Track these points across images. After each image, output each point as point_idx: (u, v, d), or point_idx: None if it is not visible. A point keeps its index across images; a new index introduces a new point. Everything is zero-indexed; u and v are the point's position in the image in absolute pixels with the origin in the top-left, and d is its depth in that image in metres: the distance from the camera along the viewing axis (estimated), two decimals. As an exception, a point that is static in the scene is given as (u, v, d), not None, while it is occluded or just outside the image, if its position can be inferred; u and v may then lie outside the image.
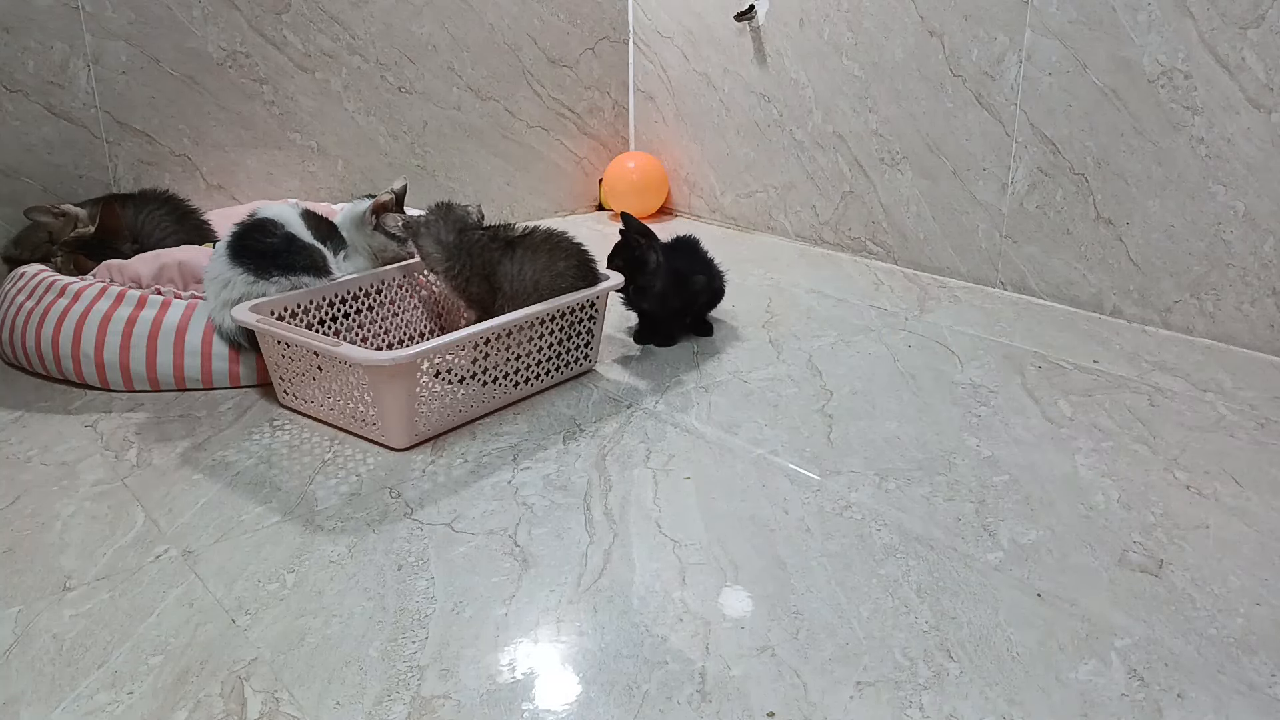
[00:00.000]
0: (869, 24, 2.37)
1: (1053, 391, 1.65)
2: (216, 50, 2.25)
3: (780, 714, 0.91)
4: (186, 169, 2.27)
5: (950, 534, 1.21)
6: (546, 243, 1.64)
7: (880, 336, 1.93)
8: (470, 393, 1.53)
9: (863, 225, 2.51)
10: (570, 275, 1.63)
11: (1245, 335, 1.86)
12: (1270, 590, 1.10)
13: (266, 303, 1.59)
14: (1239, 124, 1.79)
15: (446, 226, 1.65)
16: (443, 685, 0.95)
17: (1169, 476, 1.36)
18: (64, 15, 2.03)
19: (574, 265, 1.64)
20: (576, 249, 1.66)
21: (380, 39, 2.51)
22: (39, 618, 1.06)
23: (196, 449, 1.45)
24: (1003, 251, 2.22)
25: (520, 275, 1.61)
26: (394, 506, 1.29)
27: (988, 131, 2.18)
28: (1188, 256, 1.91)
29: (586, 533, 1.22)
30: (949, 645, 1.00)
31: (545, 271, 1.61)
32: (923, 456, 1.42)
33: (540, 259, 1.62)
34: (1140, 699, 0.93)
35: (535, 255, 1.62)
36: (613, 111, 3.07)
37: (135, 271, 1.74)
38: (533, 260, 1.62)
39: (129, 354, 1.64)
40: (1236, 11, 1.76)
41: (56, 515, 1.27)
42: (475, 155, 2.79)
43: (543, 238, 1.65)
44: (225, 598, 1.09)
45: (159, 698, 0.93)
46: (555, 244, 1.65)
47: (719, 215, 2.93)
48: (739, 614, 1.06)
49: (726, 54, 2.75)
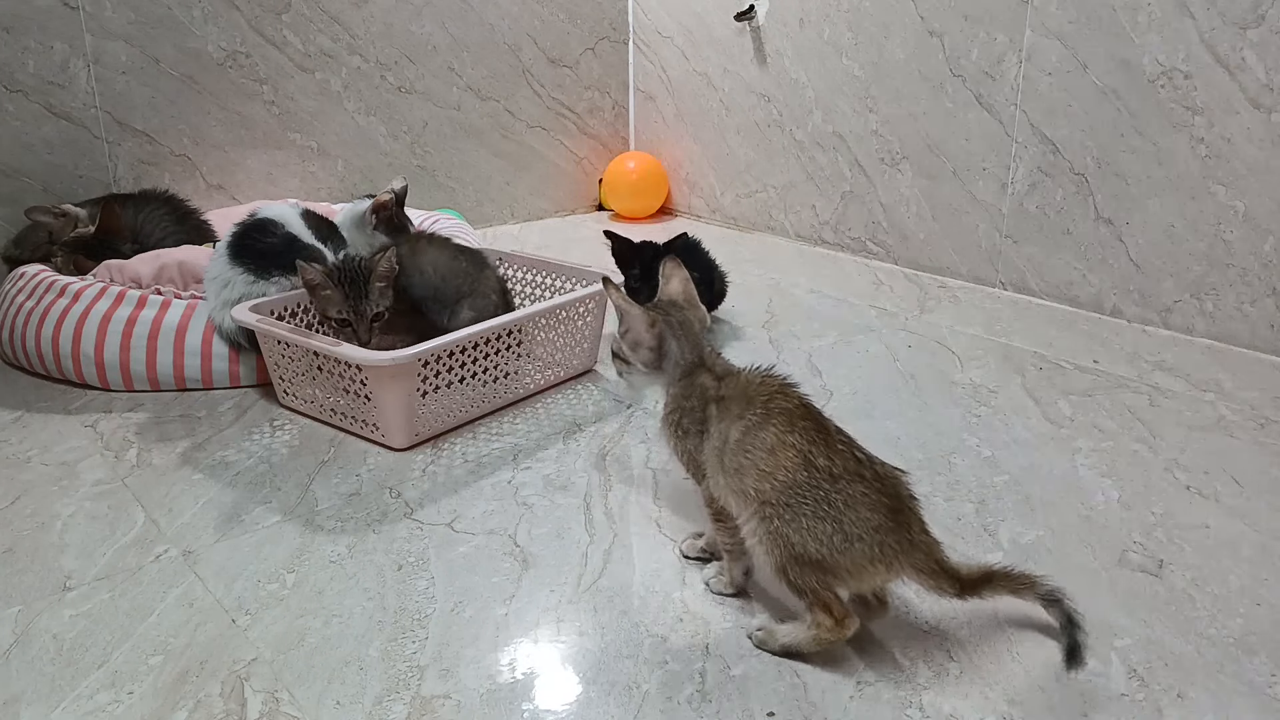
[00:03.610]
0: (869, 24, 2.37)
1: (1053, 391, 1.65)
2: (216, 50, 2.25)
3: (780, 714, 0.91)
4: (186, 169, 2.27)
5: (950, 534, 1.21)
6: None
7: (880, 336, 1.93)
8: (470, 393, 1.53)
9: (863, 225, 2.51)
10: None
11: (1245, 335, 1.86)
12: (1270, 590, 1.10)
13: (266, 303, 1.59)
14: (1239, 124, 1.79)
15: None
16: (443, 685, 0.95)
17: (1169, 476, 1.36)
18: (64, 15, 2.03)
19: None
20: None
21: (380, 39, 2.51)
22: (39, 618, 1.05)
23: (196, 449, 1.45)
24: (1003, 251, 2.22)
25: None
26: (394, 506, 1.29)
27: (988, 131, 2.18)
28: (1188, 256, 1.91)
29: (586, 533, 1.22)
30: (949, 645, 1.00)
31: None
32: (923, 456, 1.42)
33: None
34: (1140, 699, 0.93)
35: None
36: (613, 111, 3.07)
37: (135, 271, 1.74)
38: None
39: (129, 354, 1.64)
40: (1236, 11, 1.76)
41: (56, 515, 1.26)
42: (475, 155, 2.79)
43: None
44: (225, 598, 1.09)
45: (159, 698, 0.93)
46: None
47: (719, 215, 2.93)
48: (739, 614, 1.06)
49: (726, 54, 2.75)
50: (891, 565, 0.93)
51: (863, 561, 0.92)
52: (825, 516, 0.92)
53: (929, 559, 0.94)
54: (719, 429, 0.99)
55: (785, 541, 0.93)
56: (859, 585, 0.95)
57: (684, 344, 1.05)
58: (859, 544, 0.92)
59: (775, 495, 0.94)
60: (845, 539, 0.92)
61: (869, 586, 0.96)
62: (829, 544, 0.92)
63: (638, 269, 1.87)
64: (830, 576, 0.93)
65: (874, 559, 0.92)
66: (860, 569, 0.93)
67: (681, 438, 1.04)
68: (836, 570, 0.93)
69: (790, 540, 0.93)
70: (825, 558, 0.92)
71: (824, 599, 0.94)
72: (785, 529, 0.93)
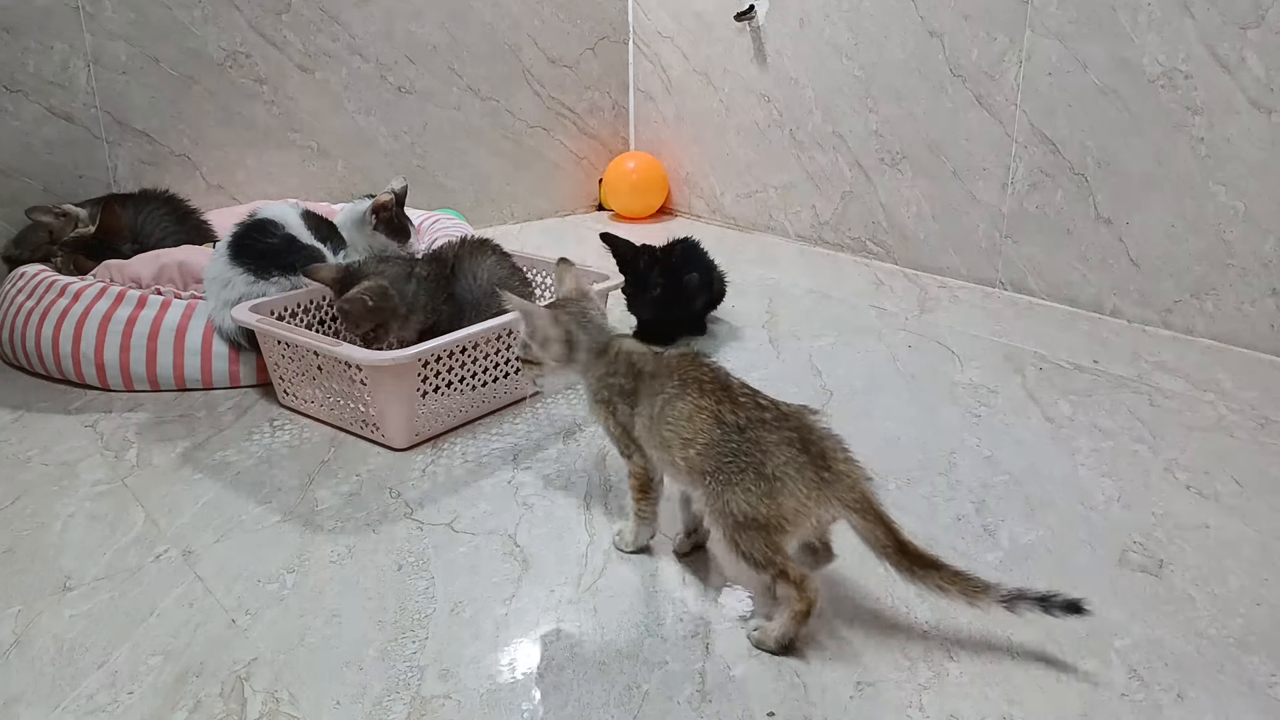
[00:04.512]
0: (869, 24, 2.37)
1: (1053, 391, 1.65)
2: (216, 50, 2.25)
3: (780, 714, 0.91)
4: (186, 169, 2.26)
5: (950, 534, 1.21)
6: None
7: (880, 336, 1.93)
8: (470, 393, 1.53)
9: (863, 225, 2.51)
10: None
11: (1245, 335, 1.86)
12: (1270, 590, 1.10)
13: (266, 303, 1.59)
14: (1239, 124, 1.79)
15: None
16: (443, 685, 0.95)
17: (1169, 476, 1.36)
18: (64, 15, 2.03)
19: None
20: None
21: (380, 39, 2.51)
22: (39, 618, 1.05)
23: (196, 449, 1.45)
24: (1003, 251, 2.22)
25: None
26: (394, 506, 1.29)
27: (988, 131, 2.18)
28: (1188, 256, 1.91)
29: (586, 533, 1.22)
30: (949, 645, 1.00)
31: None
32: (923, 456, 1.42)
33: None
34: (1140, 699, 0.93)
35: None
36: (613, 111, 3.07)
37: (135, 271, 1.74)
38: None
39: (129, 354, 1.64)
40: (1236, 11, 1.76)
41: (56, 515, 1.26)
42: (475, 155, 2.79)
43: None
44: (225, 598, 1.09)
45: (159, 698, 0.93)
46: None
47: (719, 215, 2.93)
48: (739, 614, 1.06)
49: (726, 54, 2.75)
50: (820, 499, 0.96)
51: (791, 501, 0.96)
52: (746, 467, 0.97)
53: (853, 492, 0.96)
54: (646, 406, 1.06)
55: (726, 511, 0.98)
56: (800, 529, 0.98)
57: (589, 331, 1.12)
58: (780, 484, 0.96)
59: (704, 463, 0.99)
60: (768, 483, 0.96)
61: (810, 526, 0.99)
62: (757, 494, 0.96)
63: (632, 275, 1.85)
64: (774, 533, 0.96)
65: (799, 495, 0.96)
66: (793, 510, 0.96)
67: (613, 414, 1.10)
68: (774, 521, 0.96)
69: (729, 508, 0.97)
70: (760, 512, 0.96)
71: (778, 565, 0.97)
72: (723, 498, 0.98)
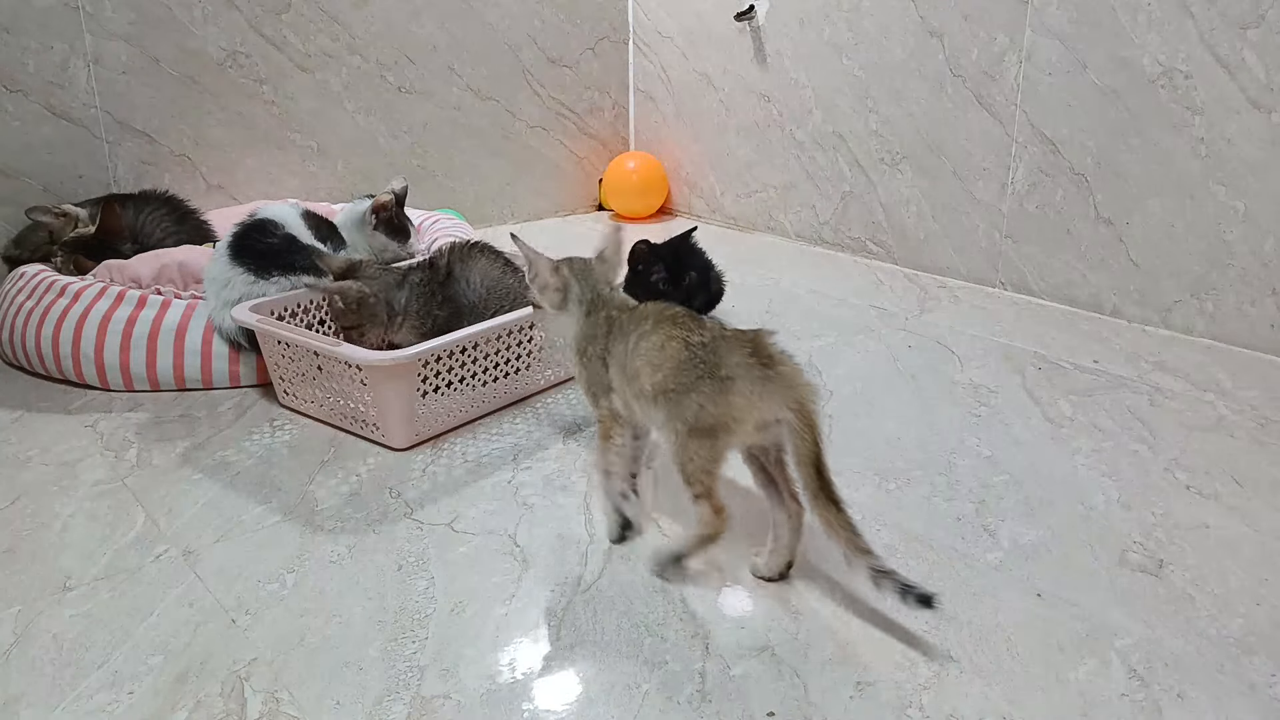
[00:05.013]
0: (869, 24, 2.37)
1: (1053, 391, 1.65)
2: (216, 50, 2.25)
3: (780, 714, 0.91)
4: (186, 169, 2.27)
5: (950, 534, 1.21)
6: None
7: (880, 336, 1.93)
8: (470, 393, 1.53)
9: (863, 225, 2.51)
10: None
11: (1245, 335, 1.86)
12: (1270, 590, 1.10)
13: (266, 303, 1.59)
14: (1239, 124, 1.79)
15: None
16: (443, 685, 0.95)
17: (1169, 476, 1.36)
18: (64, 15, 2.03)
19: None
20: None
21: (380, 39, 2.51)
22: (39, 618, 1.05)
23: (196, 449, 1.45)
24: (1003, 251, 2.22)
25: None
26: (394, 506, 1.29)
27: (988, 131, 2.18)
28: (1188, 256, 1.91)
29: (586, 533, 1.22)
30: (949, 645, 1.00)
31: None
32: (923, 456, 1.42)
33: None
34: (1140, 699, 0.93)
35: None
36: (613, 111, 3.07)
37: (135, 271, 1.74)
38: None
39: (129, 354, 1.64)
40: (1236, 11, 1.76)
41: (56, 515, 1.26)
42: (475, 155, 2.79)
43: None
44: (225, 598, 1.09)
45: (159, 698, 0.93)
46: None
47: (719, 215, 2.93)
48: (739, 614, 1.06)
49: (726, 54, 2.75)
50: (763, 394, 1.03)
51: (739, 399, 1.03)
52: (704, 375, 1.04)
53: (793, 391, 1.03)
54: (619, 348, 1.13)
55: (680, 418, 1.05)
56: (744, 425, 1.04)
57: (584, 284, 1.19)
58: (731, 382, 1.03)
59: (669, 382, 1.06)
60: (721, 383, 1.03)
61: (754, 422, 1.04)
62: (710, 394, 1.03)
63: (663, 270, 1.86)
64: (720, 437, 1.04)
65: (745, 392, 1.03)
66: (740, 407, 1.03)
67: (587, 363, 1.18)
68: (723, 421, 1.03)
69: (685, 414, 1.04)
70: (710, 413, 1.03)
71: (707, 485, 1.05)
72: (681, 405, 1.05)
